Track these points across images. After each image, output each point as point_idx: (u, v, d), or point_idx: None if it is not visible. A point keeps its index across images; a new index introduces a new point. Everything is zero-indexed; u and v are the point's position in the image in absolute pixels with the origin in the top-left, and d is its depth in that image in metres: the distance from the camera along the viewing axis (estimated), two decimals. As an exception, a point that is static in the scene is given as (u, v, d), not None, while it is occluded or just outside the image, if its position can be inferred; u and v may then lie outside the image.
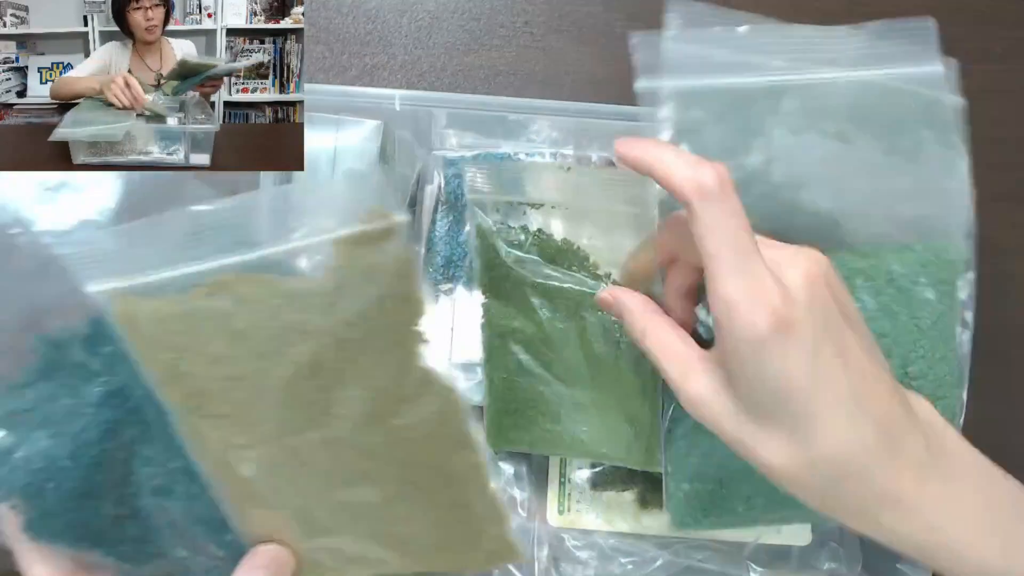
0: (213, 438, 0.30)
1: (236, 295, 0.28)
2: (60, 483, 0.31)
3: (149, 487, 0.32)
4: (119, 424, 0.31)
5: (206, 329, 0.28)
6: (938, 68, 0.44)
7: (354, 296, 0.28)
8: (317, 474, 0.31)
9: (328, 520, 0.32)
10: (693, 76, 0.44)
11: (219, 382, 0.29)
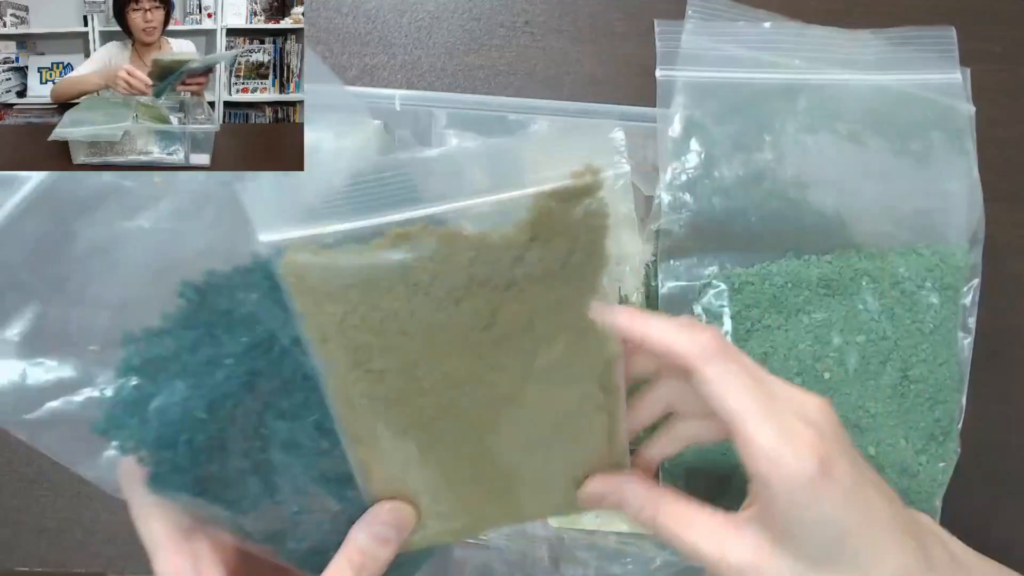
0: (367, 394, 0.30)
1: (421, 247, 0.27)
2: (193, 436, 0.29)
3: (278, 441, 0.31)
4: (258, 376, 0.30)
5: (383, 282, 0.28)
6: (956, 77, 0.44)
7: (544, 250, 0.28)
8: (466, 428, 0.32)
9: (463, 474, 0.33)
10: (709, 69, 0.44)
11: (389, 336, 0.29)
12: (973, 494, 0.48)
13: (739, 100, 0.44)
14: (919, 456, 0.42)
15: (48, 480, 0.50)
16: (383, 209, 0.27)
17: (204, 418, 0.29)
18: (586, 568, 0.47)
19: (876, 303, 0.42)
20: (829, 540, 0.29)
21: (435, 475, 0.33)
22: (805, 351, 0.41)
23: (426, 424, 0.31)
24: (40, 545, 0.50)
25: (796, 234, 0.43)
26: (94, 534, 0.50)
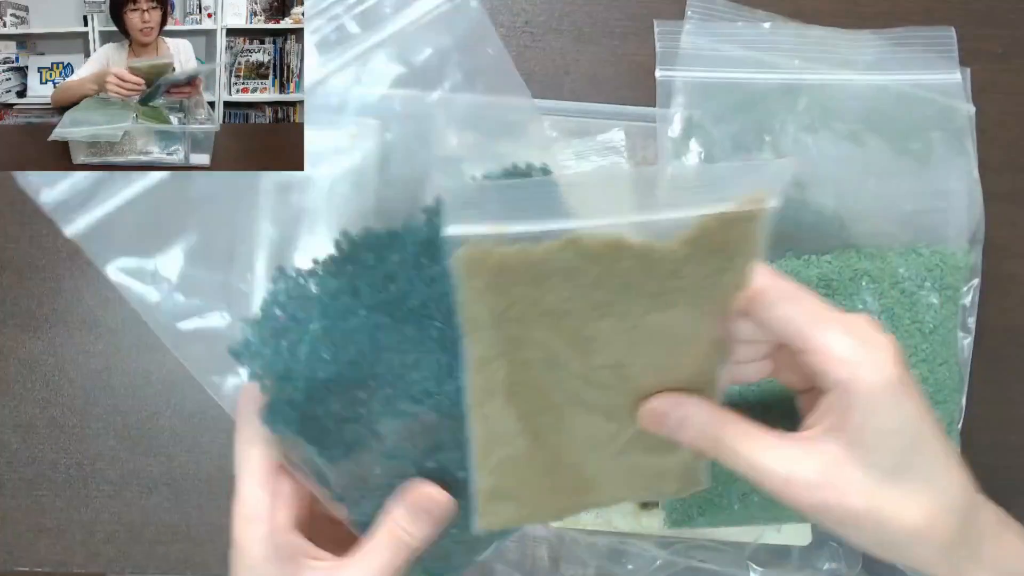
0: (507, 380, 0.32)
1: (591, 252, 0.29)
2: (313, 375, 0.31)
3: (382, 398, 0.33)
4: (382, 331, 0.32)
5: (550, 281, 0.30)
6: (956, 77, 0.44)
7: (698, 265, 0.30)
8: (589, 417, 0.34)
9: (576, 458, 0.35)
10: (709, 69, 0.44)
11: (541, 331, 0.31)
12: (973, 494, 0.48)
13: (739, 100, 0.44)
14: (919, 456, 0.42)
15: (48, 480, 0.50)
16: (560, 216, 0.29)
17: (327, 359, 0.32)
18: (586, 568, 0.47)
19: (876, 303, 0.42)
20: (903, 449, 0.29)
21: (542, 460, 0.35)
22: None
23: (549, 410, 0.33)
24: (40, 545, 0.50)
25: (796, 234, 0.43)
26: (94, 534, 0.50)
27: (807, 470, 0.30)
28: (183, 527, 0.50)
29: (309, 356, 0.31)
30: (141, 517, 0.50)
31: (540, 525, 0.47)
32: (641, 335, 0.32)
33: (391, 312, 0.32)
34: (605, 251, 0.29)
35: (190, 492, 0.50)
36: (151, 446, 0.51)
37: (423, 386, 0.33)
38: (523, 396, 0.33)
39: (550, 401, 0.33)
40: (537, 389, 0.33)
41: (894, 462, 0.29)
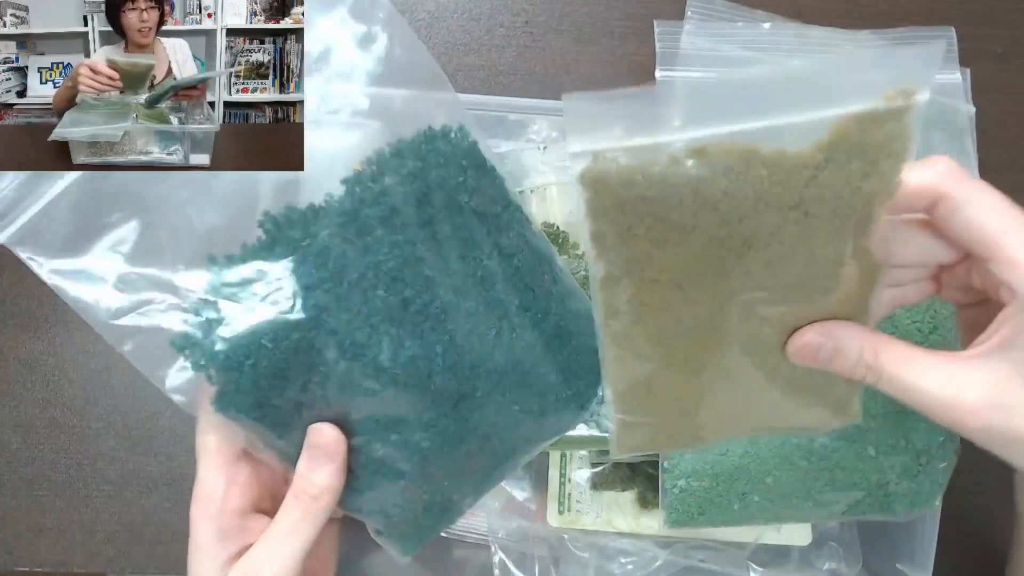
0: (635, 300, 0.31)
1: (718, 162, 0.27)
2: (257, 361, 0.32)
3: (336, 378, 0.33)
4: (323, 311, 0.32)
5: (676, 195, 0.28)
6: (956, 77, 0.44)
7: (837, 172, 0.28)
8: (720, 341, 0.32)
9: (706, 383, 0.34)
10: (709, 70, 0.44)
11: (668, 248, 0.29)
12: (973, 494, 0.48)
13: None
14: (919, 457, 0.42)
15: (48, 480, 0.50)
16: (684, 126, 0.27)
17: (269, 347, 0.31)
18: (586, 568, 0.47)
19: (876, 303, 0.42)
20: None
21: (677, 386, 0.34)
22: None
23: (682, 333, 0.32)
24: (40, 545, 0.50)
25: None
26: (94, 534, 0.50)
27: (973, 391, 0.28)
28: (183, 527, 0.50)
29: (250, 344, 0.31)
30: (141, 517, 0.50)
31: (540, 525, 0.47)
32: (779, 253, 0.29)
33: (330, 290, 0.32)
34: (733, 160, 0.27)
35: (190, 492, 0.50)
36: (151, 446, 0.51)
37: (377, 362, 0.33)
38: (653, 318, 0.31)
39: (682, 326, 0.32)
40: (668, 312, 0.31)
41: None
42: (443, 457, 0.36)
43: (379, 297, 0.33)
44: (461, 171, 0.35)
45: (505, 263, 0.36)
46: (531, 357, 0.36)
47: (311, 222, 0.32)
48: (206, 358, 0.31)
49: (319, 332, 0.32)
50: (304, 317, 0.32)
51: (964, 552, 0.49)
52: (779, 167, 0.27)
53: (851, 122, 0.27)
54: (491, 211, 0.36)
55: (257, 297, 0.32)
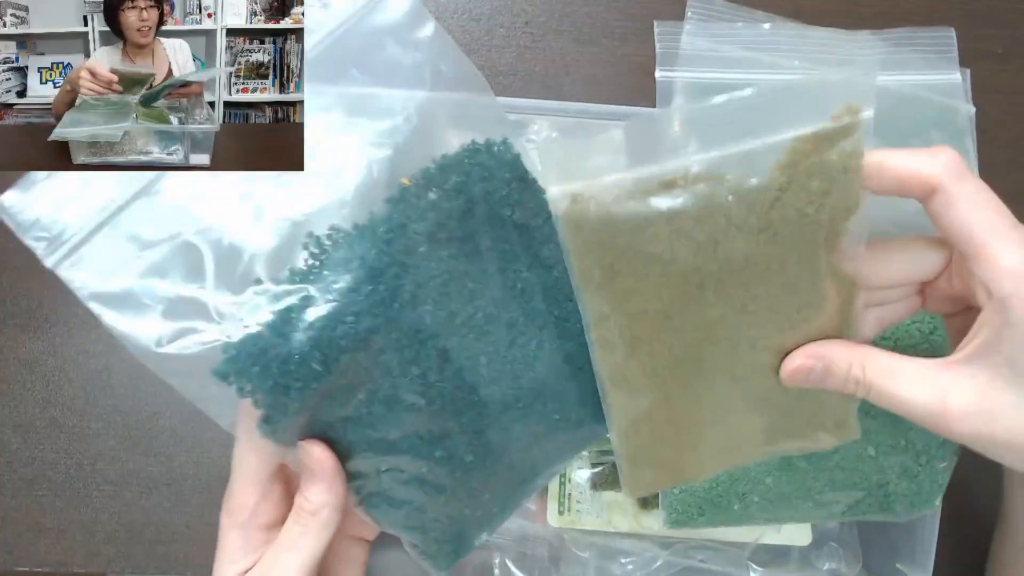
0: (624, 334, 0.32)
1: (688, 193, 0.29)
2: (306, 385, 0.31)
3: (383, 395, 0.33)
4: (373, 333, 0.32)
5: (651, 228, 0.30)
6: (956, 77, 0.44)
7: (798, 192, 0.29)
8: (711, 368, 0.33)
9: (704, 414, 0.34)
10: (708, 70, 0.44)
11: (650, 280, 0.31)
12: (973, 494, 0.48)
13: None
14: (919, 457, 0.42)
15: (48, 480, 0.50)
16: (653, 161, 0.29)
17: (319, 370, 0.31)
18: (586, 568, 0.47)
19: (875, 303, 0.42)
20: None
21: (677, 418, 0.34)
22: (805, 351, 0.41)
23: (674, 364, 0.33)
24: (40, 545, 0.50)
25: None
26: (94, 534, 0.50)
27: (958, 399, 0.29)
28: (183, 527, 0.50)
29: (299, 368, 0.31)
30: (141, 517, 0.50)
31: (540, 525, 0.47)
32: (756, 276, 0.31)
33: (381, 312, 0.32)
34: (701, 190, 0.29)
35: (190, 492, 0.50)
36: (151, 446, 0.51)
37: (423, 378, 0.33)
38: (646, 350, 0.32)
39: (674, 356, 0.32)
40: (659, 343, 0.32)
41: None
42: (486, 470, 0.36)
43: (427, 312, 0.33)
44: (505, 184, 0.35)
45: (545, 275, 0.36)
46: (571, 367, 0.37)
47: (356, 242, 0.32)
48: (252, 385, 0.31)
49: (368, 352, 0.32)
50: (355, 340, 0.31)
51: (964, 552, 0.49)
52: (744, 192, 0.29)
53: (805, 142, 0.29)
54: (532, 223, 0.36)
55: (304, 322, 0.31)
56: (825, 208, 0.30)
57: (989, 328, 0.29)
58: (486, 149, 0.35)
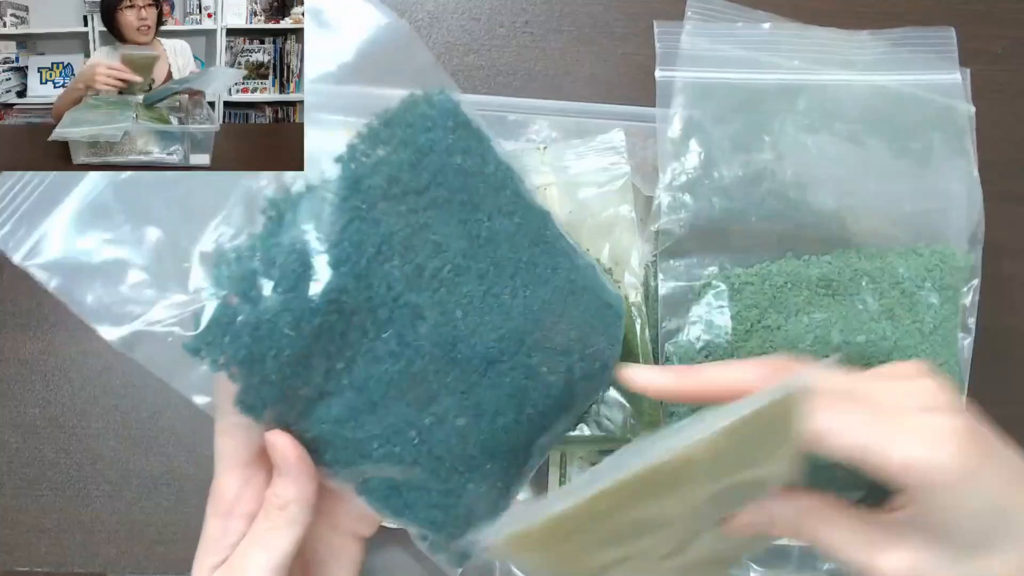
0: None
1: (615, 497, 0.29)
2: (279, 352, 0.30)
3: (360, 363, 0.32)
4: (342, 293, 0.31)
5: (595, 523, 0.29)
6: (956, 77, 0.44)
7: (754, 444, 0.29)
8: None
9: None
10: (708, 70, 0.45)
11: (602, 553, 0.31)
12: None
13: (738, 101, 0.44)
14: (919, 456, 0.42)
15: (48, 480, 0.50)
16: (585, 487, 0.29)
17: (291, 335, 0.30)
18: (586, 568, 0.47)
19: (876, 303, 0.42)
20: (991, 524, 0.29)
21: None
22: (805, 351, 0.41)
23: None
24: (40, 545, 0.50)
25: (795, 234, 0.43)
26: (94, 534, 0.50)
27: (891, 561, 0.31)
28: (183, 527, 0.50)
29: (271, 334, 0.30)
30: (141, 517, 0.50)
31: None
32: (724, 504, 0.32)
33: (348, 271, 0.31)
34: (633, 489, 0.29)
35: (190, 492, 0.50)
36: (151, 446, 0.51)
37: (400, 338, 0.32)
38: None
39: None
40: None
41: (980, 539, 0.29)
42: (481, 434, 0.35)
43: (395, 267, 0.32)
44: (449, 132, 0.35)
45: (507, 221, 0.36)
46: (548, 314, 0.36)
47: (313, 202, 0.32)
48: (225, 356, 0.30)
49: (340, 314, 0.31)
50: (324, 300, 0.31)
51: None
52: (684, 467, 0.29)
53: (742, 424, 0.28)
54: (484, 170, 0.36)
55: (270, 286, 0.30)
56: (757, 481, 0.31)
57: (911, 505, 0.30)
58: (425, 100, 0.35)
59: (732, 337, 0.42)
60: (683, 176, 0.44)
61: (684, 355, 0.42)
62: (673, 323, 0.43)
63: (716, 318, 0.42)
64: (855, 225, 0.43)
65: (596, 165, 0.46)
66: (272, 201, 0.32)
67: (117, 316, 0.32)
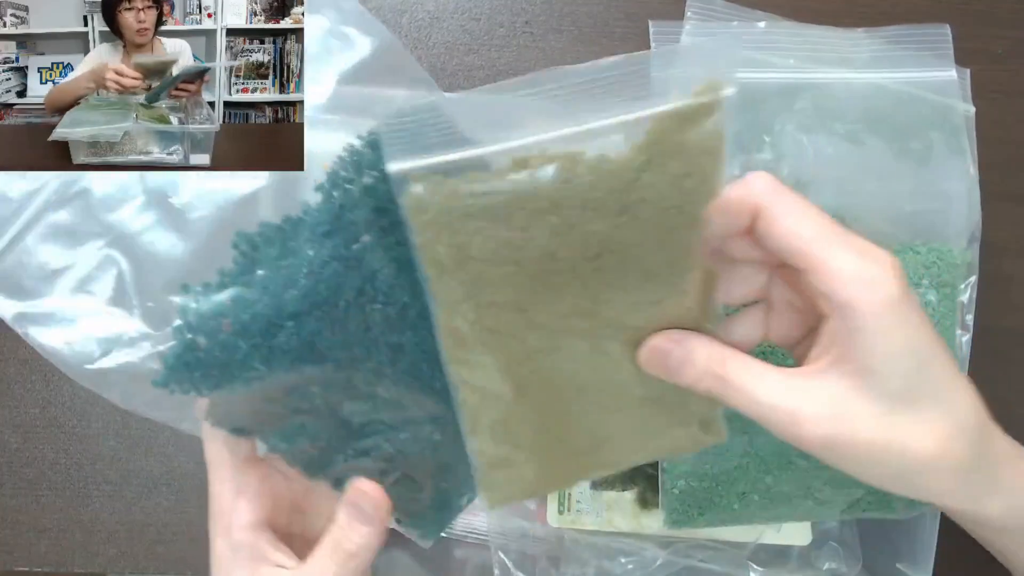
0: (478, 326, 0.30)
1: (541, 172, 0.27)
2: (248, 383, 0.30)
3: (334, 388, 0.31)
4: (316, 335, 0.30)
5: (502, 210, 0.27)
6: (951, 75, 0.44)
7: (657, 172, 0.27)
8: (569, 365, 0.31)
9: (563, 417, 0.33)
10: (707, 70, 0.45)
11: (503, 267, 0.28)
12: (973, 494, 0.48)
13: (737, 100, 0.44)
14: (919, 456, 0.42)
15: (48, 480, 0.50)
16: (505, 135, 0.27)
17: (263, 371, 0.29)
18: (586, 568, 0.47)
19: (875, 302, 0.42)
20: (912, 371, 0.28)
21: (535, 418, 0.32)
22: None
23: (531, 360, 0.31)
24: (40, 545, 0.50)
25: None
26: (94, 534, 0.50)
27: (814, 404, 0.28)
28: (183, 527, 0.50)
29: (241, 371, 0.29)
30: (141, 517, 0.50)
31: (540, 525, 0.47)
32: (612, 263, 0.29)
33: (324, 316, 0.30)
34: (556, 168, 0.27)
35: (190, 492, 0.50)
36: (151, 446, 0.51)
37: (378, 371, 0.32)
38: (500, 344, 0.30)
39: (529, 348, 0.31)
40: (513, 336, 0.30)
41: (904, 386, 0.28)
42: (455, 446, 0.35)
43: (377, 310, 0.31)
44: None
45: None
46: None
47: (290, 236, 0.30)
48: (194, 388, 0.30)
49: (314, 351, 0.30)
50: (297, 343, 0.30)
51: (964, 552, 0.49)
52: (602, 171, 0.27)
53: (665, 120, 0.27)
54: None
55: (240, 327, 0.29)
56: (684, 191, 0.28)
57: (838, 340, 0.29)
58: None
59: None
60: (683, 176, 0.44)
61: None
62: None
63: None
64: (854, 225, 0.43)
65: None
66: (243, 236, 0.30)
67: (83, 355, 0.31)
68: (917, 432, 0.28)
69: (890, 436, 0.28)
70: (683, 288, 0.30)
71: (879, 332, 0.27)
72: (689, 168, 0.27)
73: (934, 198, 0.44)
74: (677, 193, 0.28)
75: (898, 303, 0.27)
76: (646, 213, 0.28)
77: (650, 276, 0.29)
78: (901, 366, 0.28)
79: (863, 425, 0.28)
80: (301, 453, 0.33)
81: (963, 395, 0.29)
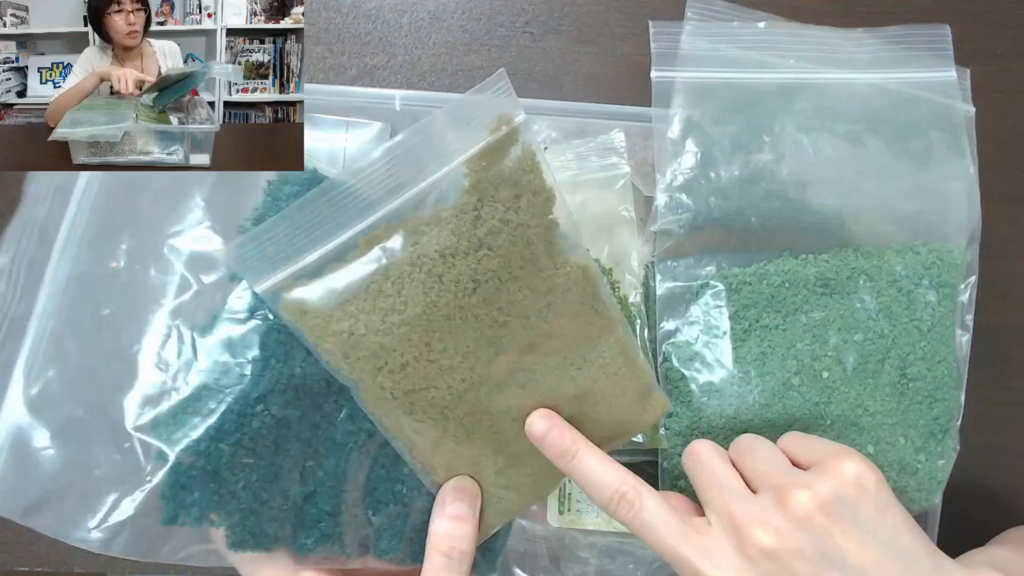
0: (397, 391, 0.32)
1: (391, 242, 0.31)
2: (248, 478, 0.31)
3: (327, 450, 0.33)
4: (288, 406, 0.32)
5: (371, 286, 0.31)
6: (952, 75, 0.44)
7: (492, 204, 0.31)
8: (495, 393, 0.34)
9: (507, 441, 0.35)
10: (707, 70, 0.44)
11: (395, 331, 0.31)
12: (973, 492, 0.48)
13: (737, 100, 0.44)
14: (918, 454, 0.42)
15: (48, 480, 0.50)
16: (346, 225, 0.30)
17: (252, 462, 0.31)
18: (586, 568, 0.47)
19: (873, 301, 0.42)
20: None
21: (485, 448, 0.35)
22: (803, 350, 0.41)
23: (458, 401, 0.33)
24: (40, 545, 0.50)
25: (793, 234, 0.43)
26: (94, 534, 0.50)
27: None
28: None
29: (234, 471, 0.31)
30: (141, 517, 0.50)
31: (539, 525, 0.47)
32: (492, 288, 0.32)
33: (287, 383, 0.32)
34: (403, 237, 0.31)
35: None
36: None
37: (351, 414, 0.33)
38: (425, 400, 0.33)
39: (454, 391, 0.33)
40: (433, 387, 0.33)
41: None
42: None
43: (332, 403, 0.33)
44: None
45: None
46: None
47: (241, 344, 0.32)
48: (200, 510, 0.31)
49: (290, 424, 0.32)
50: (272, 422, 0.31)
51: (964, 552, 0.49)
52: (443, 222, 0.31)
53: (478, 160, 0.31)
54: None
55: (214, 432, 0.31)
56: (523, 209, 0.31)
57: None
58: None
59: (730, 337, 0.42)
60: (681, 176, 0.44)
61: (682, 355, 0.42)
62: (671, 323, 0.43)
63: (714, 318, 0.42)
64: (853, 224, 0.43)
65: (596, 165, 0.46)
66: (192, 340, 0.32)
67: (85, 527, 0.31)
68: None
69: None
70: (564, 288, 0.33)
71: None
72: (518, 190, 0.31)
73: (934, 198, 0.44)
74: (517, 214, 0.31)
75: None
76: (500, 240, 0.31)
77: (529, 287, 0.33)
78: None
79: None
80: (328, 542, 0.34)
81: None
